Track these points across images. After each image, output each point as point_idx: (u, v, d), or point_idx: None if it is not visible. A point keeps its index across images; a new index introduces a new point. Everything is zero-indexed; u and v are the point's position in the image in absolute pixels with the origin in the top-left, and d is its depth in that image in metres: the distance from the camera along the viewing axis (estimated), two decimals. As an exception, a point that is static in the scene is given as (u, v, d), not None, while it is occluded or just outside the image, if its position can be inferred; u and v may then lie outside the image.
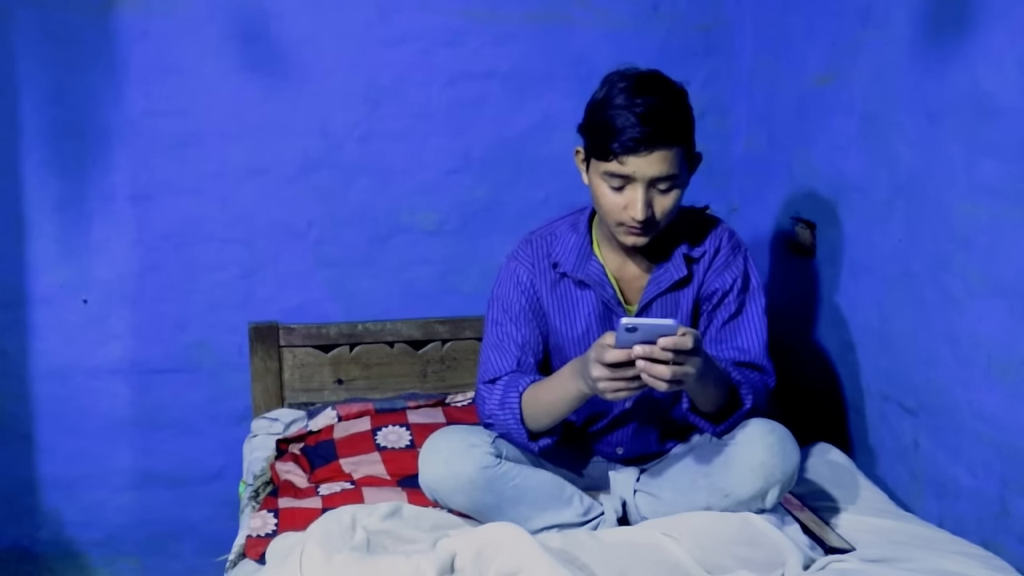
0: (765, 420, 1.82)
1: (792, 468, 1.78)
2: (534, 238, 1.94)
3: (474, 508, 1.83)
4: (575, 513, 1.86)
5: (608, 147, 1.71)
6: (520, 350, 1.89)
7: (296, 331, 2.50)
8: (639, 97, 1.71)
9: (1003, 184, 1.75)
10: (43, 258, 2.43)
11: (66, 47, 2.35)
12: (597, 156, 1.74)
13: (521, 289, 1.91)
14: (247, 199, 2.50)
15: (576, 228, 1.92)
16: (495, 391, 1.87)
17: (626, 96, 1.72)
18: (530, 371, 1.89)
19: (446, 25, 2.50)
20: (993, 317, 1.79)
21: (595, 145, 1.75)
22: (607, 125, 1.71)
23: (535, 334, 1.91)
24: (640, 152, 1.69)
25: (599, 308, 1.89)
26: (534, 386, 1.83)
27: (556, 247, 1.91)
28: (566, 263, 1.89)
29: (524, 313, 1.91)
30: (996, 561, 1.70)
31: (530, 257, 1.92)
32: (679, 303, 1.90)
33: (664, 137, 1.70)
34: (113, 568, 2.60)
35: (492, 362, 1.90)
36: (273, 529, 1.89)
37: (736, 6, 2.62)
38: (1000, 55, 1.73)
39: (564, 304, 1.90)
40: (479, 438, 1.83)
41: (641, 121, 1.69)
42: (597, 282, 1.87)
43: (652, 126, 1.69)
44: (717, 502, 1.79)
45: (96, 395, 2.50)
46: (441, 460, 1.81)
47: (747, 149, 2.64)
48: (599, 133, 1.73)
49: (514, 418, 1.82)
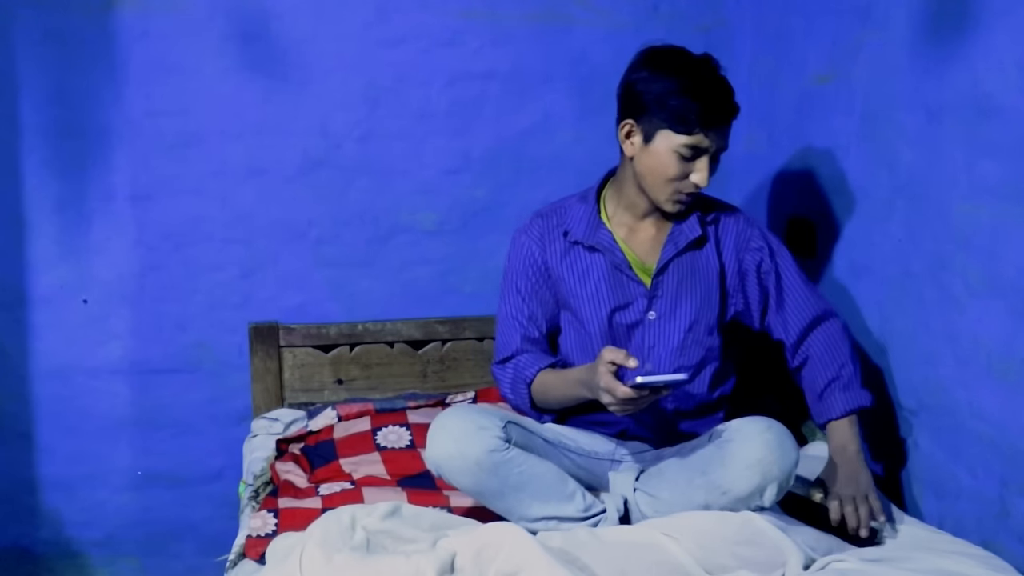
0: (761, 418, 1.84)
1: (790, 465, 1.79)
2: (545, 211, 2.08)
3: (477, 490, 1.84)
4: (576, 508, 1.86)
5: (692, 121, 1.86)
6: (527, 322, 2.05)
7: (296, 331, 2.50)
8: (713, 76, 1.91)
9: (1003, 184, 1.75)
10: (43, 258, 2.43)
11: (66, 47, 2.35)
12: (677, 130, 1.88)
13: (529, 261, 2.04)
14: (247, 199, 2.49)
15: (585, 200, 2.05)
16: (506, 374, 2.05)
17: (700, 75, 1.89)
18: (536, 343, 2.05)
19: (446, 25, 2.50)
20: (993, 317, 1.79)
21: (674, 119, 1.87)
22: (691, 102, 1.86)
23: (543, 307, 2.05)
24: (721, 127, 1.89)
25: (608, 271, 2.01)
26: (543, 377, 2.00)
27: (567, 217, 2.04)
28: (576, 231, 2.02)
29: (530, 285, 2.05)
30: (996, 561, 1.71)
31: (540, 229, 2.05)
32: (696, 265, 2.02)
33: (734, 112, 1.92)
34: (113, 568, 2.60)
35: (501, 339, 2.08)
36: (273, 529, 1.89)
37: (736, 6, 2.62)
38: (1000, 55, 1.73)
39: (575, 268, 2.03)
40: (490, 420, 1.84)
41: (725, 99, 1.89)
42: (607, 247, 2.00)
43: (730, 103, 1.90)
44: (715, 500, 1.80)
45: (96, 395, 2.50)
46: (451, 439, 1.81)
47: (747, 149, 2.64)
48: (680, 109, 1.87)
49: (525, 405, 2.04)
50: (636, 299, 2.00)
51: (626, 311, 2.00)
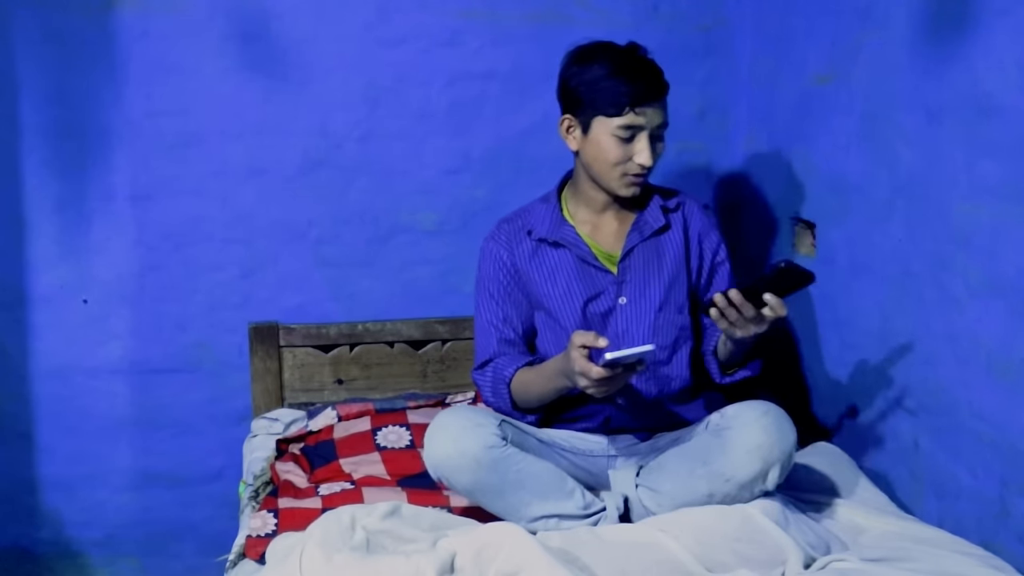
0: (759, 402, 1.87)
1: (790, 446, 1.81)
2: (509, 216, 2.13)
3: (477, 488, 1.84)
4: (576, 505, 1.86)
5: (622, 102, 1.92)
6: (502, 324, 2.06)
7: (296, 331, 2.50)
8: (635, 58, 1.97)
9: (1003, 184, 1.75)
10: (43, 258, 2.43)
11: (66, 47, 2.35)
12: (608, 114, 1.94)
13: (499, 266, 2.07)
14: (247, 199, 2.50)
15: (547, 200, 2.11)
16: (486, 378, 2.05)
17: (623, 58, 1.96)
18: (513, 344, 2.06)
19: (446, 25, 2.50)
20: (993, 317, 1.79)
21: (604, 104, 1.93)
22: (618, 85, 1.92)
23: (516, 308, 2.07)
24: (652, 104, 1.94)
25: (576, 264, 2.04)
26: (521, 377, 2.00)
27: (530, 218, 2.09)
28: (540, 229, 2.06)
29: (502, 288, 2.07)
30: (996, 561, 1.70)
31: (506, 234, 2.09)
32: (660, 251, 2.06)
33: (664, 88, 1.97)
34: (113, 568, 2.60)
35: (479, 346, 2.09)
36: (273, 529, 1.89)
37: (736, 6, 2.62)
38: (1000, 55, 1.73)
39: (544, 267, 2.06)
40: (486, 418, 1.86)
41: (650, 76, 1.95)
42: (572, 242, 2.04)
43: (657, 79, 1.96)
44: (719, 488, 1.81)
45: (96, 395, 2.50)
46: (449, 438, 1.82)
47: (747, 149, 2.64)
48: (609, 93, 1.93)
49: (507, 406, 2.03)
50: (606, 288, 2.03)
51: (598, 300, 2.03)
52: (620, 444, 2.03)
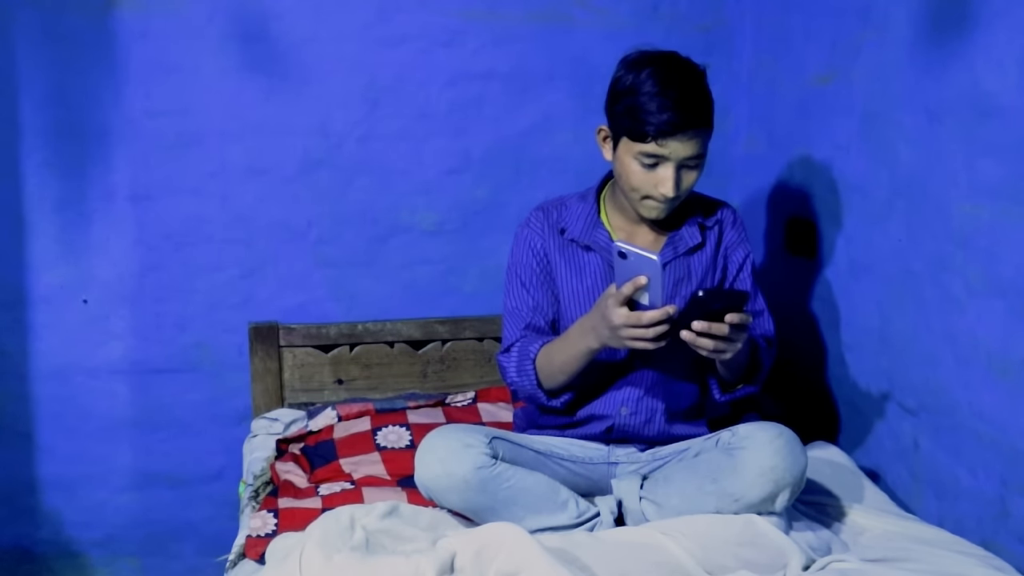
0: (772, 424, 1.83)
1: (801, 471, 1.78)
2: (546, 206, 2.05)
3: (468, 508, 1.83)
4: (569, 516, 1.85)
5: (644, 131, 1.81)
6: (531, 312, 2.00)
7: (296, 331, 2.50)
8: (673, 83, 1.81)
9: (1003, 184, 1.75)
10: (43, 258, 2.43)
11: (66, 47, 2.35)
12: (632, 137, 1.84)
13: (532, 252, 2.01)
14: (247, 199, 2.50)
15: (585, 199, 2.03)
16: (511, 360, 1.98)
17: (659, 82, 1.81)
18: (541, 332, 2.00)
19: (446, 25, 2.50)
20: (993, 317, 1.79)
21: (629, 127, 1.83)
22: (642, 110, 1.81)
23: (546, 296, 2.01)
24: (677, 136, 1.80)
25: (604, 269, 1.98)
26: (545, 349, 1.94)
27: (565, 215, 2.02)
28: (573, 229, 2.00)
29: (535, 276, 2.01)
30: (996, 561, 1.71)
31: (541, 222, 2.03)
32: (691, 268, 2.00)
33: (697, 121, 1.82)
34: (113, 568, 2.60)
35: (506, 330, 2.03)
36: (273, 529, 1.89)
37: (736, 6, 2.62)
38: (1000, 55, 1.73)
39: (572, 264, 2.00)
40: (475, 438, 1.83)
41: (678, 107, 1.79)
42: (603, 247, 1.97)
43: (688, 112, 1.80)
44: (727, 507, 1.79)
45: (96, 395, 2.50)
46: (436, 459, 1.81)
47: (747, 149, 2.64)
48: (634, 117, 1.82)
49: (532, 384, 1.95)
50: None
51: None
52: (620, 452, 2.01)
